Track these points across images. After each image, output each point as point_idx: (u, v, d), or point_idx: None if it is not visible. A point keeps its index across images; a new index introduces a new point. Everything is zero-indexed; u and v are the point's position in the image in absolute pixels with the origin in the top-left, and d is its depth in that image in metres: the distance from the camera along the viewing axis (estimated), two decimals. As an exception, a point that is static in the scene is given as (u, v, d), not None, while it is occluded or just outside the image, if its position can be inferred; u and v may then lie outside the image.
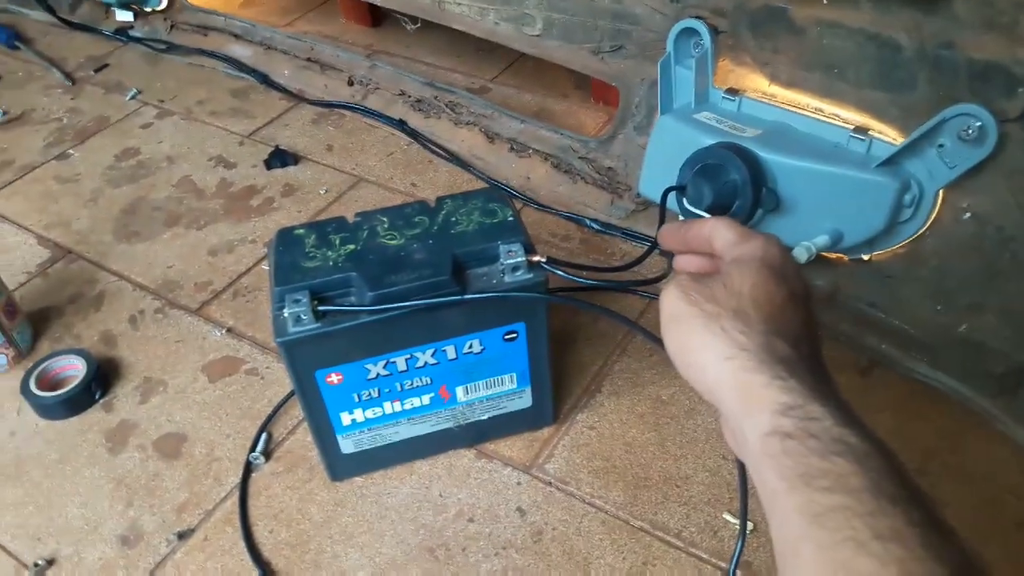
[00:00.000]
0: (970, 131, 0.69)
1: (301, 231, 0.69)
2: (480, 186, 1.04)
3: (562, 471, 0.76)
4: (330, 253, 0.67)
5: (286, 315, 0.63)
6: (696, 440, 0.77)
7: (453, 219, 0.70)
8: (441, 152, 1.13)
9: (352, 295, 0.65)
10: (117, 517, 0.74)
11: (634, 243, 0.97)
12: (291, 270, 0.65)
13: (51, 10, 1.43)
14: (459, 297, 0.64)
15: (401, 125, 1.17)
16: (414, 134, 1.16)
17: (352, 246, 0.67)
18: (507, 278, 0.66)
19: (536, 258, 0.66)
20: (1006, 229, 0.72)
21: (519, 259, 0.65)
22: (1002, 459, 0.75)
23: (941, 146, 0.72)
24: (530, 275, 0.66)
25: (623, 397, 0.82)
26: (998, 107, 0.68)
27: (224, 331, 0.91)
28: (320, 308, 0.63)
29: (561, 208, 1.03)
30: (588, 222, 1.00)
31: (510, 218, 0.69)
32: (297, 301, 0.63)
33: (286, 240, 0.69)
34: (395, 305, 0.63)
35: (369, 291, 0.63)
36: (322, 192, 1.09)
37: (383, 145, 1.16)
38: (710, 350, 0.40)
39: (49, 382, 0.86)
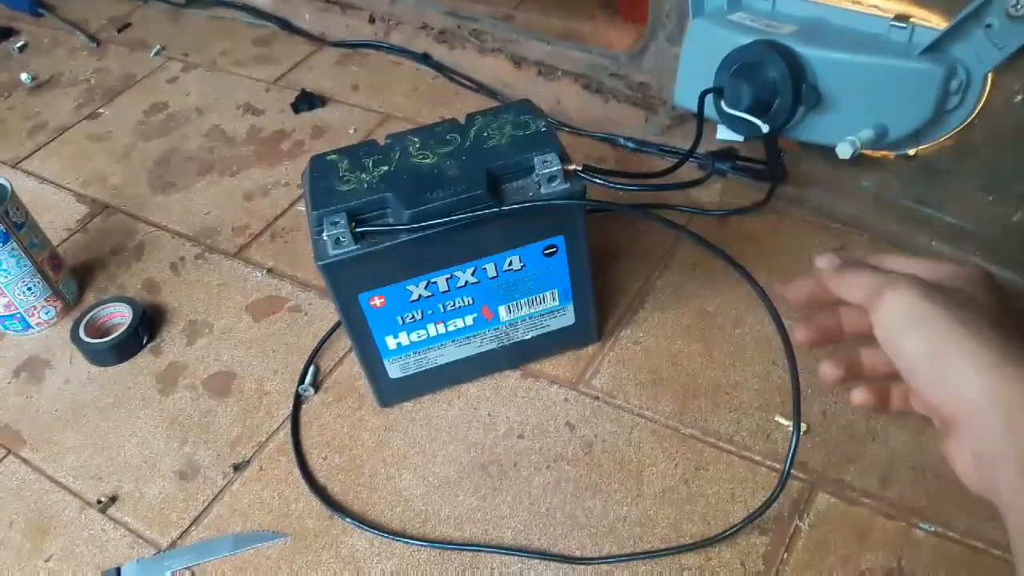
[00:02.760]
0: (1020, 6, 0.65)
1: (334, 156, 0.69)
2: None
3: (609, 386, 0.75)
4: (364, 176, 0.66)
5: (325, 238, 0.63)
6: (744, 348, 0.76)
7: (485, 134, 0.68)
8: (467, 83, 1.11)
9: (389, 215, 0.64)
10: (173, 454, 0.76)
11: (670, 158, 0.95)
12: (327, 194, 0.65)
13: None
14: (496, 210, 0.62)
15: (425, 59, 1.15)
16: (439, 67, 1.14)
17: (385, 167, 0.66)
18: (543, 189, 0.64)
19: (572, 167, 0.64)
20: (1062, 108, 0.69)
21: (554, 168, 0.64)
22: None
23: (988, 26, 0.68)
24: (566, 185, 0.64)
25: (667, 311, 0.80)
26: (1052, -22, 0.64)
27: (265, 271, 0.92)
28: (358, 230, 0.63)
29: (594, 130, 1.01)
30: (622, 141, 0.98)
31: (543, 129, 0.68)
32: (335, 224, 0.62)
33: (319, 167, 0.68)
34: (432, 222, 0.62)
35: (405, 210, 0.63)
36: (351, 132, 1.08)
37: (409, 81, 1.15)
38: (973, 358, 0.35)
39: (98, 329, 0.87)
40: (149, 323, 0.87)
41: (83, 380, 0.84)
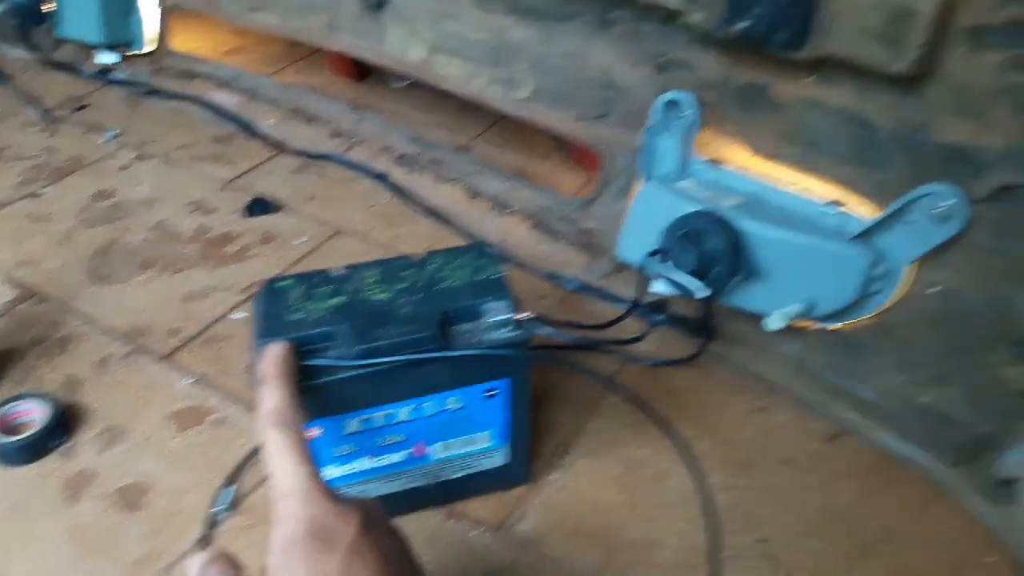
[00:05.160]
0: (939, 210, 0.72)
1: (287, 282, 0.69)
2: (460, 242, 1.05)
3: (533, 532, 0.75)
4: (315, 305, 0.66)
5: (267, 366, 0.62)
6: (668, 503, 0.77)
7: (440, 275, 0.70)
8: (422, 206, 1.14)
9: (336, 349, 0.64)
10: (71, 571, 0.71)
11: (608, 303, 0.98)
12: (275, 322, 0.65)
13: (35, 47, 1.43)
14: (445, 353, 0.64)
15: (383, 179, 1.18)
16: (396, 188, 1.17)
17: (338, 299, 0.67)
18: (492, 335, 0.66)
19: (522, 316, 0.66)
20: (970, 306, 0.74)
21: (505, 316, 0.66)
22: (961, 528, 0.76)
23: (912, 223, 0.74)
24: (515, 333, 0.66)
25: (597, 458, 0.82)
26: (967, 188, 0.71)
27: (194, 379, 0.90)
28: (303, 363, 0.63)
29: (540, 266, 1.04)
30: (565, 281, 1.01)
31: (497, 275, 0.70)
32: (279, 353, 0.62)
33: (271, 291, 0.68)
34: (380, 360, 0.63)
35: (354, 345, 0.63)
36: (300, 241, 1.09)
37: (365, 197, 1.17)
38: None
39: (8, 426, 0.83)
40: (65, 424, 0.84)
41: (-17, 479, 0.80)
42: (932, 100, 0.70)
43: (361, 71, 1.43)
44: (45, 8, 1.37)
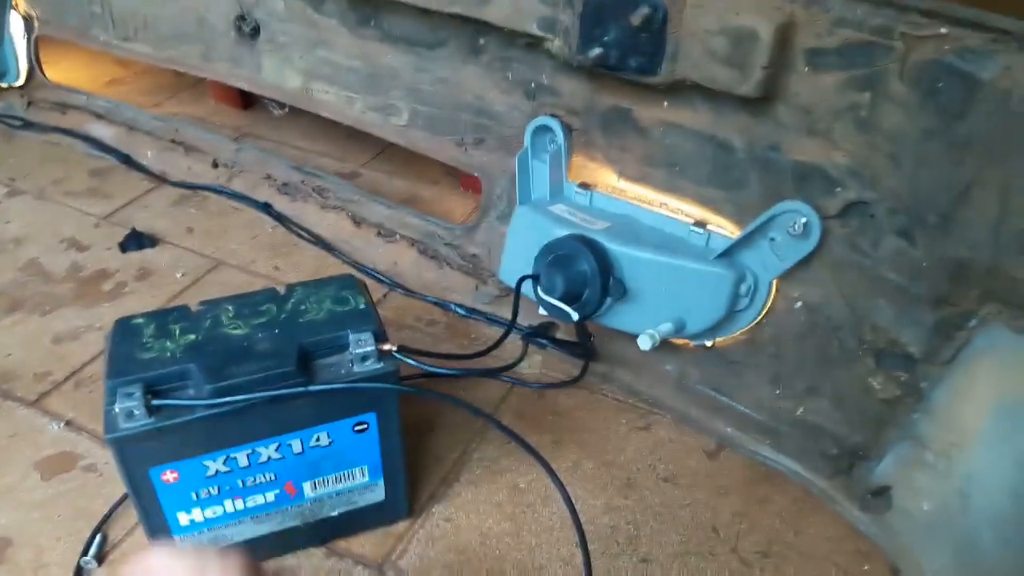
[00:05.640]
0: (796, 227, 0.74)
1: (140, 320, 0.67)
2: (346, 270, 1.04)
3: (416, 566, 0.73)
4: (169, 344, 0.64)
5: (117, 410, 0.60)
6: (551, 528, 0.77)
7: (303, 307, 0.69)
8: (307, 235, 1.12)
9: (190, 388, 0.62)
10: (-81, 637, 0.67)
11: (497, 327, 0.98)
12: (126, 362, 0.62)
13: None
14: (303, 389, 0.62)
15: (266, 208, 1.16)
16: (280, 217, 1.15)
17: (193, 336, 0.65)
18: (356, 368, 0.65)
19: (387, 347, 0.65)
20: (833, 318, 0.77)
21: (369, 348, 0.65)
22: (838, 538, 0.78)
23: (772, 240, 0.77)
24: (380, 365, 0.65)
25: (481, 485, 0.81)
26: (820, 205, 0.73)
27: (63, 424, 0.86)
28: (154, 402, 0.60)
29: (428, 293, 1.03)
30: (453, 307, 1.01)
31: (362, 306, 0.69)
32: (129, 395, 0.60)
33: (123, 330, 0.66)
34: (234, 398, 0.61)
35: (207, 383, 0.61)
36: (179, 276, 1.06)
37: (247, 228, 1.15)
38: None
39: None
40: (-86, 480, 0.79)
41: None
42: (781, 120, 0.73)
43: (245, 99, 1.40)
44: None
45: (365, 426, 0.68)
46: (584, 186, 0.87)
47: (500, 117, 0.94)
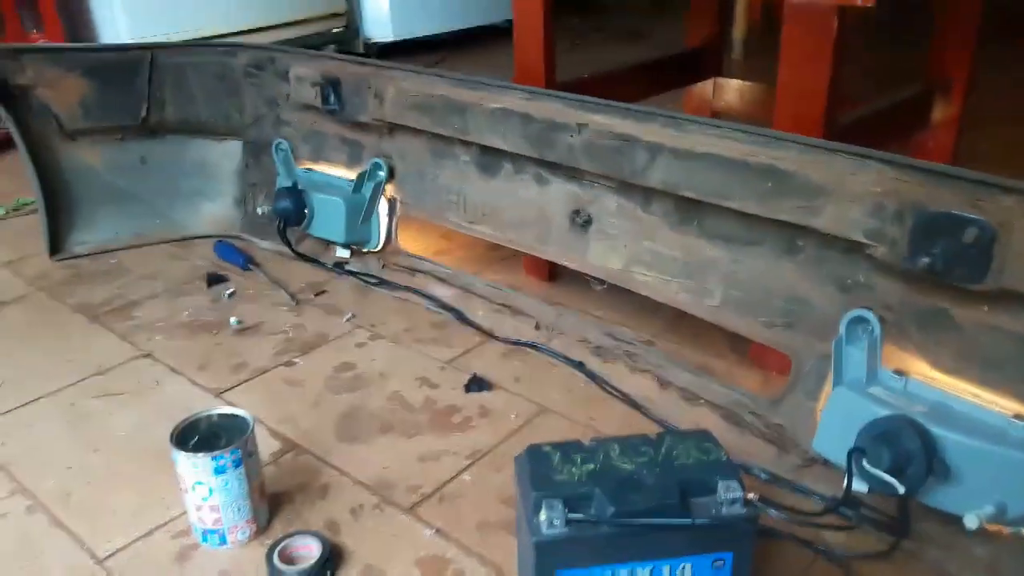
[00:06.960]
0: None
1: (548, 448, 0.85)
2: (653, 427, 1.19)
3: None
4: (574, 469, 0.81)
5: (542, 519, 0.77)
6: None
7: (674, 452, 0.84)
8: (616, 393, 1.29)
9: (594, 508, 0.78)
10: None
11: (802, 495, 1.08)
12: (545, 480, 0.80)
13: (288, 242, 1.74)
14: (691, 521, 0.76)
15: (580, 366, 1.35)
16: (592, 375, 1.33)
17: (591, 466, 0.82)
18: (725, 510, 0.78)
19: (751, 495, 0.79)
20: None
21: (737, 494, 0.78)
22: None
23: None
24: (744, 509, 0.78)
25: (798, 636, 0.89)
26: None
27: (434, 531, 1.04)
28: (569, 515, 0.77)
29: (730, 457, 1.15)
30: (756, 471, 1.12)
31: (724, 458, 0.83)
32: (552, 507, 0.77)
33: (536, 455, 0.84)
34: (632, 520, 0.76)
35: (610, 505, 0.77)
36: (512, 416, 1.26)
37: (564, 381, 1.34)
38: None
39: (287, 557, 0.99)
40: (332, 560, 0.99)
41: (266, 600, 0.95)
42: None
43: (552, 272, 1.65)
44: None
45: (722, 563, 0.81)
46: (898, 372, 0.98)
47: (811, 304, 1.08)
